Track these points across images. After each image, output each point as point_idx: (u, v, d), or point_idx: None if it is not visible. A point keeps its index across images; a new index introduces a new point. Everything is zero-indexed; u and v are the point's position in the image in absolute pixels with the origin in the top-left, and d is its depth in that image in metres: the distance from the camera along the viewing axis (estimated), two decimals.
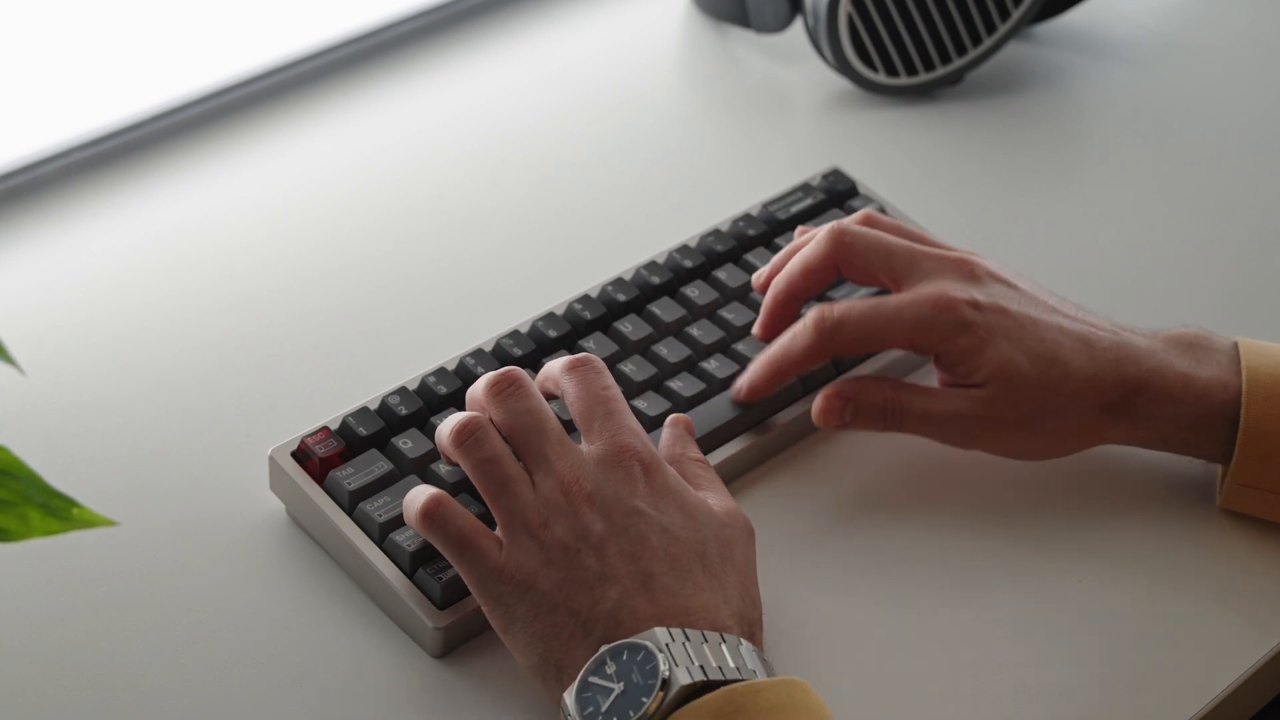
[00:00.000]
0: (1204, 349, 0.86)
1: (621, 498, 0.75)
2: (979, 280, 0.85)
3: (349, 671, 0.78)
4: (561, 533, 0.74)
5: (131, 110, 1.05)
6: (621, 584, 0.73)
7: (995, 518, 0.87)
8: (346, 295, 0.97)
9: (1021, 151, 1.11)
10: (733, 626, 0.73)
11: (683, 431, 0.82)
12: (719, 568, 0.75)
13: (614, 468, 0.76)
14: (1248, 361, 0.84)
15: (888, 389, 0.85)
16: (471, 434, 0.76)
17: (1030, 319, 0.84)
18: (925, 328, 0.84)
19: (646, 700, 0.69)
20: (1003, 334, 0.84)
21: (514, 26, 1.17)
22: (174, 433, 0.88)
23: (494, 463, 0.76)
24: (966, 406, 0.84)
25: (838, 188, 1.00)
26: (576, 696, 0.71)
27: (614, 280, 0.92)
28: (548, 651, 0.73)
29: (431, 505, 0.76)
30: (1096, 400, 0.84)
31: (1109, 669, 0.80)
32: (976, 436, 0.85)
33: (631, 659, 0.70)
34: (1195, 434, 0.85)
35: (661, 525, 0.75)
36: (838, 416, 0.85)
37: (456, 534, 0.75)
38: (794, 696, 0.70)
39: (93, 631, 0.79)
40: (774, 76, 1.15)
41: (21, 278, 0.97)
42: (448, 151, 1.08)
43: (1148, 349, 0.85)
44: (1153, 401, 0.84)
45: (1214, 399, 0.84)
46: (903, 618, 0.82)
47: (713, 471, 0.81)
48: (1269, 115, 1.15)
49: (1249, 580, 0.84)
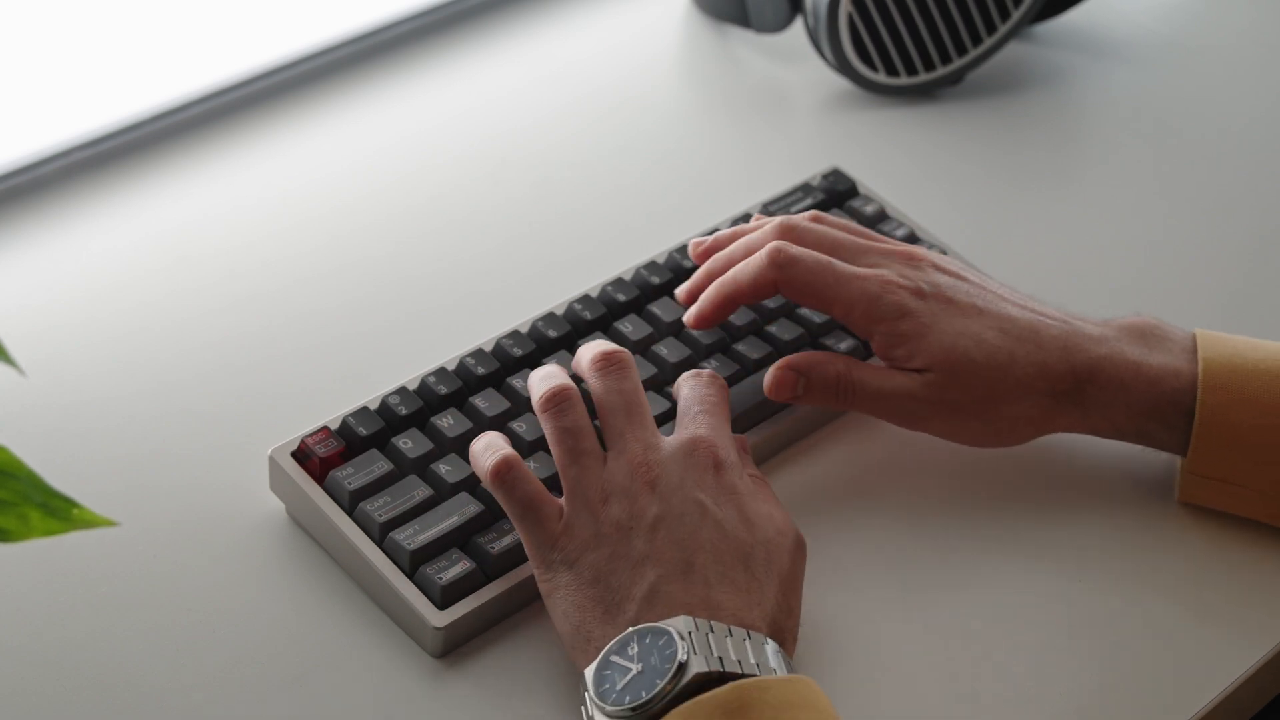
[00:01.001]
0: (1157, 337, 0.86)
1: (685, 486, 0.77)
2: (924, 271, 0.86)
3: (349, 671, 0.78)
4: (618, 512, 0.76)
5: (131, 110, 1.05)
6: (662, 567, 0.74)
7: (996, 517, 0.87)
8: (346, 295, 0.97)
9: (1021, 151, 1.11)
10: (761, 628, 0.74)
11: (740, 450, 0.83)
12: (761, 573, 0.76)
13: (687, 457, 0.78)
14: (1204, 352, 0.84)
15: (840, 364, 0.85)
16: (560, 402, 0.79)
17: (976, 308, 0.85)
18: (869, 302, 0.84)
19: (660, 682, 0.71)
20: (945, 321, 0.84)
21: (514, 26, 1.17)
22: (174, 433, 0.88)
23: (573, 433, 0.78)
24: (916, 388, 0.85)
25: (838, 188, 1.00)
26: (596, 673, 0.72)
27: (614, 280, 0.93)
28: (581, 621, 0.75)
29: (503, 466, 0.78)
30: (1045, 388, 0.84)
31: (1109, 668, 0.80)
32: (925, 419, 0.85)
33: (654, 642, 0.72)
34: (1149, 422, 0.85)
35: (716, 520, 0.76)
36: (790, 389, 0.85)
37: (523, 497, 0.77)
38: (801, 694, 0.71)
39: (93, 631, 0.79)
40: (774, 76, 1.15)
41: (21, 278, 0.97)
42: (448, 151, 1.08)
43: (1098, 336, 0.85)
44: (1103, 389, 0.84)
45: (1165, 386, 0.84)
46: (903, 617, 0.82)
47: (769, 489, 0.81)
48: (1269, 115, 1.15)
49: (1250, 580, 0.84)
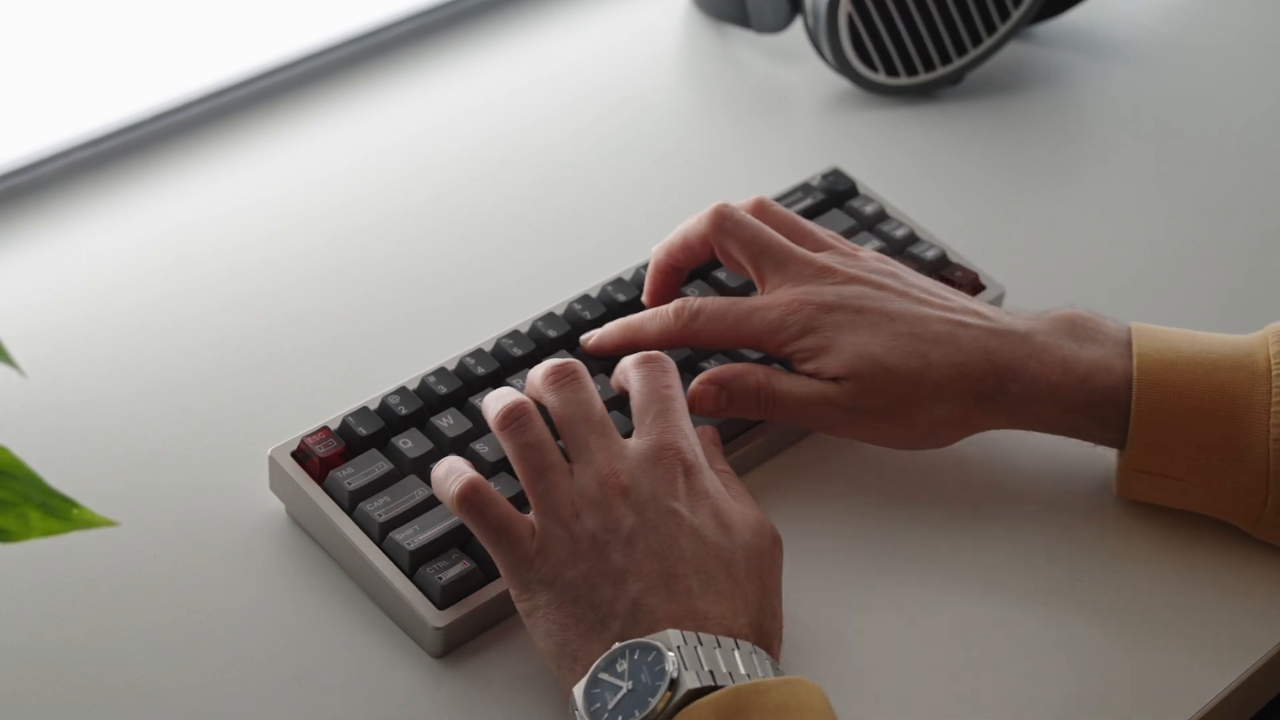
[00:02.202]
0: (1089, 331, 0.85)
1: (658, 495, 0.75)
2: (838, 284, 0.85)
3: (349, 671, 0.78)
4: (592, 524, 0.75)
5: (131, 110, 1.05)
6: (644, 581, 0.73)
7: (994, 517, 0.87)
8: (346, 295, 0.97)
9: (1021, 151, 1.11)
10: (749, 636, 0.73)
11: (709, 444, 0.83)
12: (743, 577, 0.75)
13: (655, 465, 0.76)
14: (1139, 347, 0.84)
15: (760, 374, 0.85)
16: (517, 418, 0.78)
17: (887, 315, 0.84)
18: (772, 330, 0.85)
19: (653, 700, 0.69)
20: (851, 330, 0.84)
21: (514, 26, 1.17)
22: (174, 433, 0.88)
23: (535, 448, 0.77)
24: (833, 395, 0.84)
25: (838, 188, 1.00)
26: (585, 692, 0.71)
27: (614, 280, 0.92)
28: (565, 640, 0.74)
29: (469, 490, 0.76)
30: (965, 389, 0.84)
31: (1109, 668, 0.80)
32: (846, 424, 0.85)
33: (643, 658, 0.71)
34: (1080, 418, 0.84)
35: (693, 528, 0.75)
36: (712, 402, 0.85)
37: (494, 519, 0.76)
38: (799, 696, 0.70)
39: (93, 631, 0.79)
40: (774, 76, 1.15)
41: (21, 278, 0.97)
42: (448, 151, 1.08)
43: (1024, 333, 0.85)
44: (1029, 387, 0.84)
45: (1096, 382, 0.84)
46: (898, 618, 0.82)
47: (740, 484, 0.81)
48: (1269, 115, 1.15)
49: (1251, 579, 0.84)
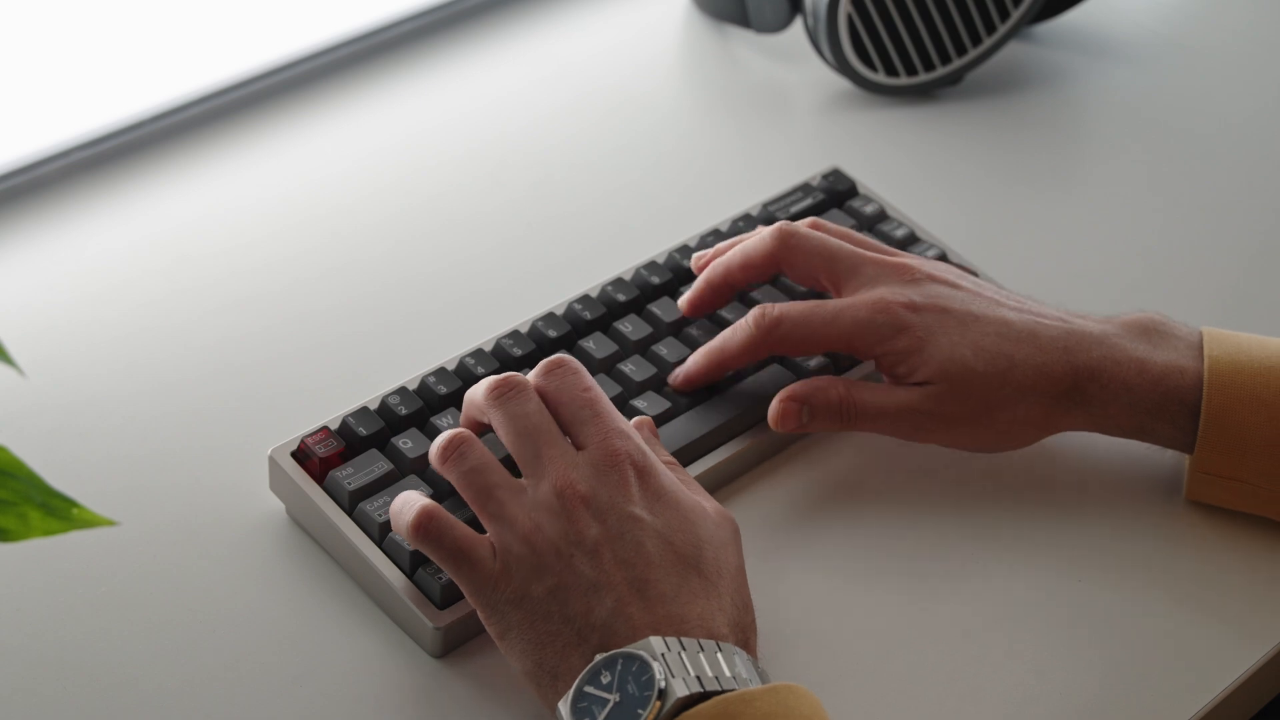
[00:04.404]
0: (1161, 334, 0.86)
1: (616, 503, 0.74)
2: (918, 283, 0.86)
3: (349, 671, 0.78)
4: (553, 534, 0.73)
5: (131, 110, 1.05)
6: (616, 591, 0.72)
7: (993, 516, 0.87)
8: (346, 295, 0.97)
9: (1021, 151, 1.11)
10: (728, 635, 0.73)
11: (648, 434, 0.82)
12: (713, 573, 0.74)
13: (607, 472, 0.75)
14: (1210, 350, 0.84)
15: (841, 388, 0.85)
16: (456, 448, 0.76)
17: (972, 315, 0.85)
18: (862, 330, 0.84)
19: (643, 712, 0.68)
20: (942, 332, 0.84)
21: (514, 26, 1.17)
22: (174, 433, 0.88)
23: (479, 471, 0.75)
24: (917, 402, 0.84)
25: (838, 188, 1.00)
26: (572, 707, 0.70)
27: (614, 280, 0.92)
28: (542, 658, 0.73)
29: (424, 519, 0.75)
30: (1047, 390, 0.84)
31: (1108, 668, 0.80)
32: (930, 431, 0.85)
33: (627, 669, 0.70)
34: (1153, 420, 0.85)
35: (657, 530, 0.74)
36: (795, 420, 0.85)
37: (452, 543, 0.74)
38: (787, 704, 0.70)
39: (93, 631, 0.79)
40: (774, 76, 1.15)
41: (21, 278, 0.97)
42: (448, 151, 1.08)
43: (1099, 335, 0.85)
44: (1105, 388, 0.84)
45: (1169, 384, 0.84)
46: (899, 618, 0.82)
47: (685, 472, 0.80)
48: (1268, 115, 1.15)
49: (1250, 579, 0.84)
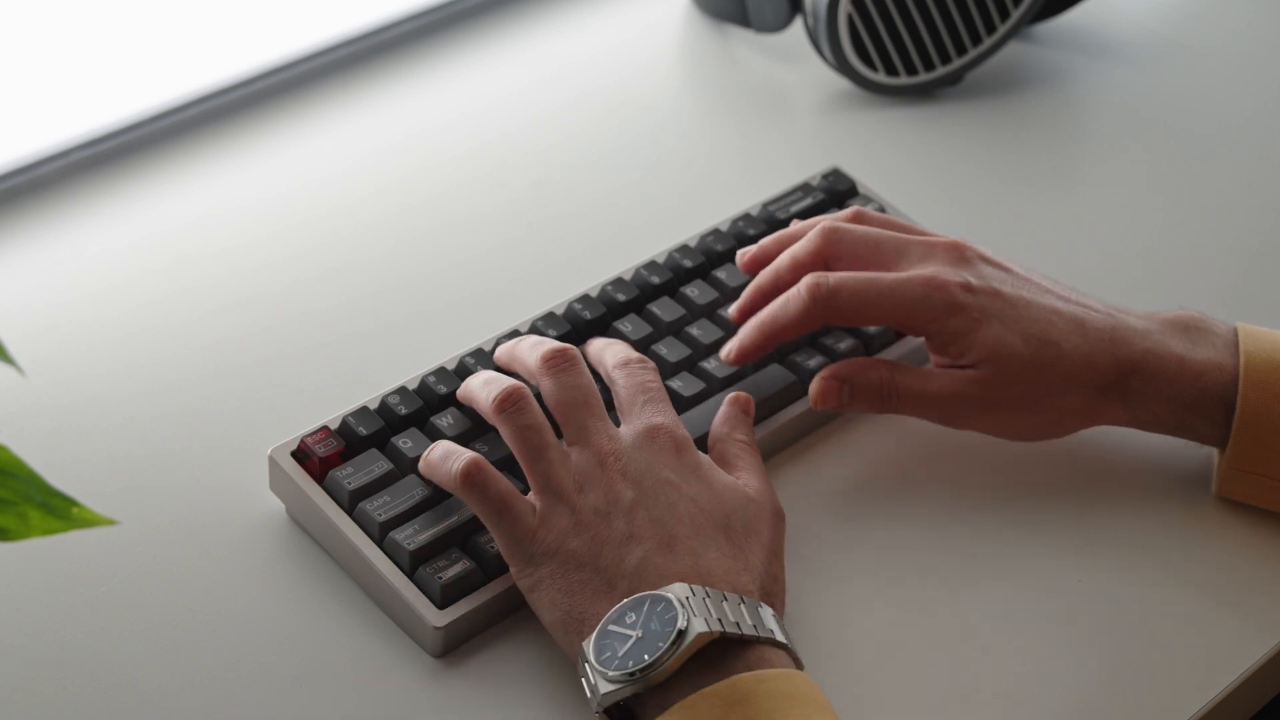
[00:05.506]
0: (1200, 331, 0.86)
1: (653, 468, 0.77)
2: (970, 263, 0.86)
3: (349, 671, 0.78)
4: (595, 499, 0.76)
5: (131, 110, 1.05)
6: (647, 543, 0.75)
7: (995, 514, 0.86)
8: (346, 295, 0.97)
9: (1021, 151, 1.11)
10: (754, 591, 0.75)
11: (738, 411, 0.84)
12: (742, 538, 0.77)
13: (648, 443, 0.79)
14: (1245, 346, 0.85)
15: (883, 370, 0.86)
16: (515, 402, 0.79)
17: (1024, 300, 0.85)
18: (918, 306, 0.84)
19: (663, 645, 0.71)
20: (995, 315, 0.84)
21: (514, 26, 1.17)
22: (174, 433, 0.88)
23: (534, 430, 0.78)
24: (961, 386, 0.85)
25: (838, 188, 1.00)
26: (595, 643, 0.72)
27: (614, 280, 0.92)
28: (571, 606, 0.75)
29: (472, 468, 0.78)
30: (1091, 380, 0.84)
31: (1109, 666, 0.80)
32: (971, 416, 0.86)
33: (652, 609, 0.72)
34: (1191, 416, 0.85)
35: (689, 495, 0.77)
36: (836, 398, 0.86)
37: (496, 496, 0.77)
38: (799, 687, 0.71)
39: (93, 631, 0.79)
40: (774, 76, 1.15)
41: (21, 278, 0.97)
42: (448, 151, 1.08)
43: (1143, 329, 0.85)
44: (1148, 382, 0.84)
45: (1209, 380, 0.84)
46: (902, 613, 0.82)
47: (755, 455, 0.82)
48: (1268, 115, 1.15)
49: (1251, 576, 0.84)
